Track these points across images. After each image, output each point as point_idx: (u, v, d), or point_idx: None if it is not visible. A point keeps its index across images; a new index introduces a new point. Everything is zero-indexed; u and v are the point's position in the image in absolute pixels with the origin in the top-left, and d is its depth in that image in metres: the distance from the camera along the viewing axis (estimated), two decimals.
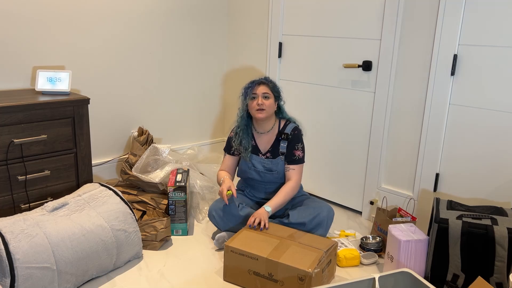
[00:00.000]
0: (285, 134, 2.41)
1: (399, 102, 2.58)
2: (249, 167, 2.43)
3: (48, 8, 2.56)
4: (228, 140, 2.51)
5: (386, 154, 2.70)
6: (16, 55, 2.50)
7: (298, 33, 2.99)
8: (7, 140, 2.17)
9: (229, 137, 2.51)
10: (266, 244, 2.03)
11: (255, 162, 2.42)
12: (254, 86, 2.36)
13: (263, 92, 2.34)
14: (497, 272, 1.85)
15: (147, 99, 3.14)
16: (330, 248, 2.03)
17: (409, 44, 2.47)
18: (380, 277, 1.77)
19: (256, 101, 2.33)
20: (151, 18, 3.03)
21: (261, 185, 2.46)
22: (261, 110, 2.33)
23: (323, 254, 1.97)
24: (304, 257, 1.94)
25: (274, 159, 2.41)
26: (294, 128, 2.42)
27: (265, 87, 2.36)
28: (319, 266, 1.90)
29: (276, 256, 1.94)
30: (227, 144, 2.52)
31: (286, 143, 2.40)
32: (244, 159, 2.44)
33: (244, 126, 2.43)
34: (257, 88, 2.35)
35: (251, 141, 2.44)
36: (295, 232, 2.17)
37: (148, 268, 2.18)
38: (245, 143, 2.41)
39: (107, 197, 2.15)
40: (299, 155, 2.40)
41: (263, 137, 2.44)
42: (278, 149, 2.41)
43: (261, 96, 2.33)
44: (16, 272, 1.73)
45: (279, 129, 2.44)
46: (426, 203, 2.54)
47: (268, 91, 2.35)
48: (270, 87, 2.36)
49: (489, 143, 2.27)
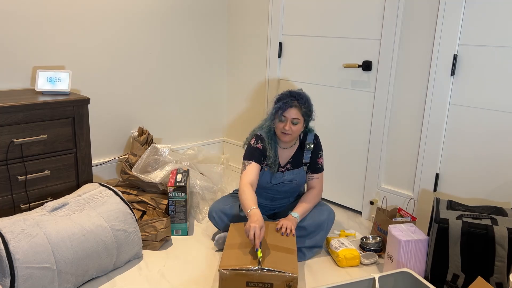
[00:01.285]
0: (308, 144, 2.35)
1: (399, 102, 2.58)
2: (267, 182, 2.34)
3: (48, 8, 2.56)
4: (255, 150, 2.28)
5: (386, 154, 2.70)
6: (16, 55, 2.50)
7: (298, 33, 2.99)
8: (7, 140, 2.17)
9: (257, 148, 2.28)
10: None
11: (276, 177, 2.34)
12: (286, 109, 2.20)
13: (293, 117, 2.19)
14: (497, 272, 1.85)
15: (147, 99, 3.14)
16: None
17: (409, 44, 2.48)
18: (380, 277, 1.77)
19: (283, 125, 2.21)
20: (151, 18, 3.03)
21: (270, 195, 2.42)
22: (286, 134, 2.23)
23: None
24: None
25: (296, 169, 2.35)
26: (315, 137, 2.37)
27: (297, 111, 2.20)
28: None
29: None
30: (256, 154, 2.27)
31: (310, 153, 2.35)
32: (273, 173, 2.31)
33: (271, 141, 2.30)
34: (288, 112, 2.20)
35: (277, 155, 2.32)
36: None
37: (148, 268, 2.18)
38: (272, 158, 2.28)
39: (107, 197, 2.15)
40: (321, 163, 2.38)
41: (284, 151, 2.37)
42: (300, 159, 2.36)
43: (289, 121, 2.20)
44: (16, 272, 1.73)
45: (300, 138, 2.38)
46: (426, 203, 2.54)
47: (299, 117, 2.20)
48: (302, 111, 2.21)
49: (489, 143, 2.27)
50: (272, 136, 2.31)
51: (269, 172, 2.32)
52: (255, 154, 2.27)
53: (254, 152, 2.27)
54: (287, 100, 2.21)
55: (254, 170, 2.22)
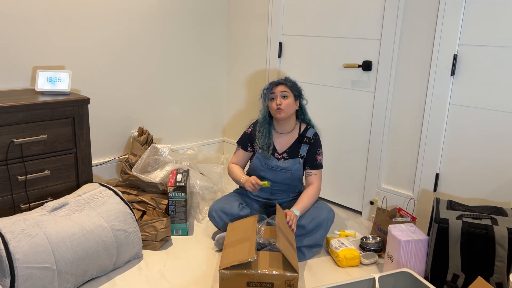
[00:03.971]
0: (307, 138, 2.40)
1: (399, 102, 2.58)
2: (261, 164, 2.42)
3: (48, 9, 2.56)
4: (245, 135, 2.50)
5: (386, 154, 2.70)
6: (16, 55, 2.50)
7: (298, 33, 2.99)
8: (7, 140, 2.17)
9: (246, 132, 2.50)
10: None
11: (270, 161, 2.41)
12: (272, 87, 2.36)
13: (282, 90, 2.33)
14: (497, 272, 1.85)
15: (147, 99, 3.14)
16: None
17: (409, 44, 2.47)
18: (380, 277, 1.77)
19: (275, 101, 2.33)
20: (151, 18, 3.03)
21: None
22: (280, 109, 2.32)
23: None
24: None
25: (290, 159, 2.40)
26: (315, 134, 2.43)
27: (284, 86, 2.34)
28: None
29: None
30: (243, 139, 2.50)
31: (308, 147, 2.40)
32: (265, 156, 2.41)
33: (266, 124, 2.42)
34: (275, 88, 2.35)
35: (271, 139, 2.42)
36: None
37: (148, 268, 2.18)
38: (264, 141, 2.39)
39: (107, 197, 2.15)
40: (320, 160, 2.42)
41: (282, 137, 2.44)
42: (297, 151, 2.41)
43: (279, 96, 2.32)
44: (16, 272, 1.73)
45: (300, 131, 2.43)
46: (426, 203, 2.54)
47: (287, 90, 2.34)
48: (288, 86, 2.35)
49: (489, 143, 2.27)
50: (268, 120, 2.43)
51: (262, 155, 2.41)
52: (242, 139, 2.52)
53: (243, 137, 2.52)
54: (273, 81, 2.40)
55: (239, 155, 2.52)
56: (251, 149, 2.49)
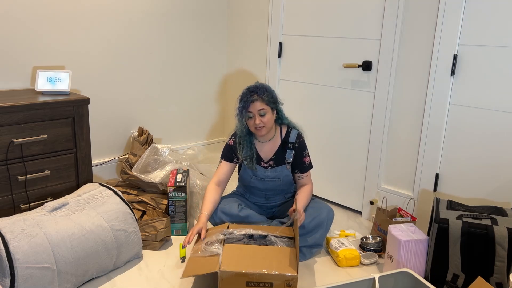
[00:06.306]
0: (290, 144, 2.34)
1: (399, 102, 2.58)
2: (250, 176, 2.37)
3: (48, 8, 2.56)
4: (226, 147, 2.38)
5: (386, 154, 2.70)
6: (16, 55, 2.50)
7: (298, 33, 2.99)
8: (7, 140, 2.17)
9: (228, 144, 2.38)
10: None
11: (257, 172, 2.36)
12: (248, 106, 2.19)
13: (259, 109, 2.18)
14: (497, 272, 1.85)
15: (147, 99, 3.15)
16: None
17: (409, 44, 2.48)
18: (380, 277, 1.77)
19: (253, 121, 2.21)
20: (151, 18, 3.03)
21: (261, 192, 2.43)
22: (260, 128, 2.23)
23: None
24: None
25: (278, 167, 2.36)
26: (298, 136, 2.35)
27: (260, 102, 2.18)
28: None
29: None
30: (226, 152, 2.38)
31: (293, 152, 2.35)
32: (250, 168, 2.34)
33: (245, 136, 2.32)
34: (252, 106, 2.18)
35: (253, 150, 2.35)
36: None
37: (148, 268, 2.18)
38: (246, 153, 2.32)
39: (107, 197, 2.15)
40: (308, 161, 2.38)
41: (265, 146, 2.37)
42: (283, 157, 2.35)
43: (257, 115, 2.20)
44: (16, 272, 1.73)
45: (282, 136, 2.36)
46: (426, 203, 2.54)
47: (264, 106, 2.19)
48: (265, 101, 2.19)
49: (489, 143, 2.27)
50: (246, 132, 2.31)
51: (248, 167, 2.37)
52: (225, 152, 2.39)
53: (225, 150, 2.39)
54: (247, 98, 2.20)
55: (223, 168, 2.37)
56: (237, 160, 2.38)
